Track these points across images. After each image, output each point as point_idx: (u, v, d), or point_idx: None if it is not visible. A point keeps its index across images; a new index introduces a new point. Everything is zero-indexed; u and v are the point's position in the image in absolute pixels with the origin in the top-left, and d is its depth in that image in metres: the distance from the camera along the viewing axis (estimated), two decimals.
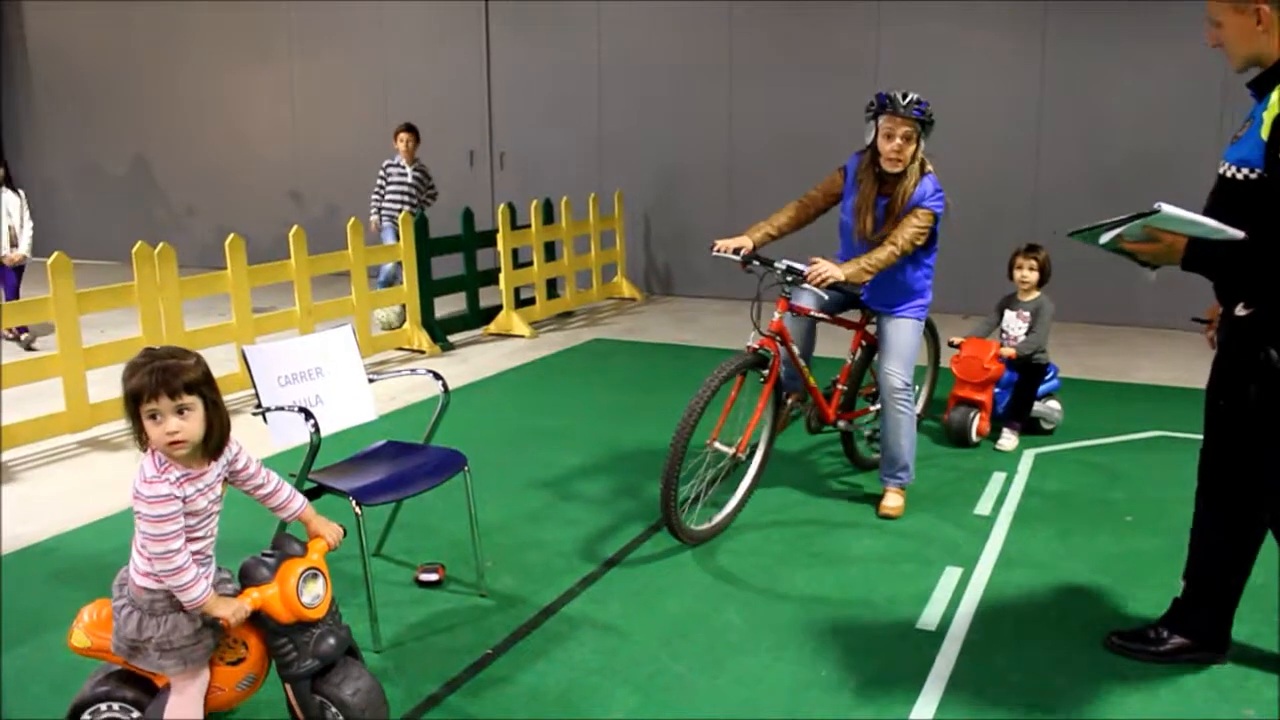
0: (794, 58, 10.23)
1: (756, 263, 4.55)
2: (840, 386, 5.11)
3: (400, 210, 9.13)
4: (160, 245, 6.46)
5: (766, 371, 4.52)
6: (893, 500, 4.86)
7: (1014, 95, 9.51)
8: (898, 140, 4.47)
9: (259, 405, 3.79)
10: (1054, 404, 6.09)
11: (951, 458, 5.72)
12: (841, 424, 5.13)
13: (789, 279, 4.48)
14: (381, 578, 4.17)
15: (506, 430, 6.26)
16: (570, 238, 9.89)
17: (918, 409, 5.60)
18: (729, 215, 10.40)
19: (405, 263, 8.39)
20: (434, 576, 4.14)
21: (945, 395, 6.13)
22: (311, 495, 3.76)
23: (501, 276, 9.09)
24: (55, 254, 5.93)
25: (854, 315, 5.08)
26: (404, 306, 8.46)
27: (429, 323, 8.52)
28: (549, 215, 9.66)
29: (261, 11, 12.66)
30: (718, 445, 4.48)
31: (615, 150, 11.23)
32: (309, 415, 3.68)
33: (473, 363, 8.08)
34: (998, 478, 5.37)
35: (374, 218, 9.55)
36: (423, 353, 8.33)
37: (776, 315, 4.56)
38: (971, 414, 5.81)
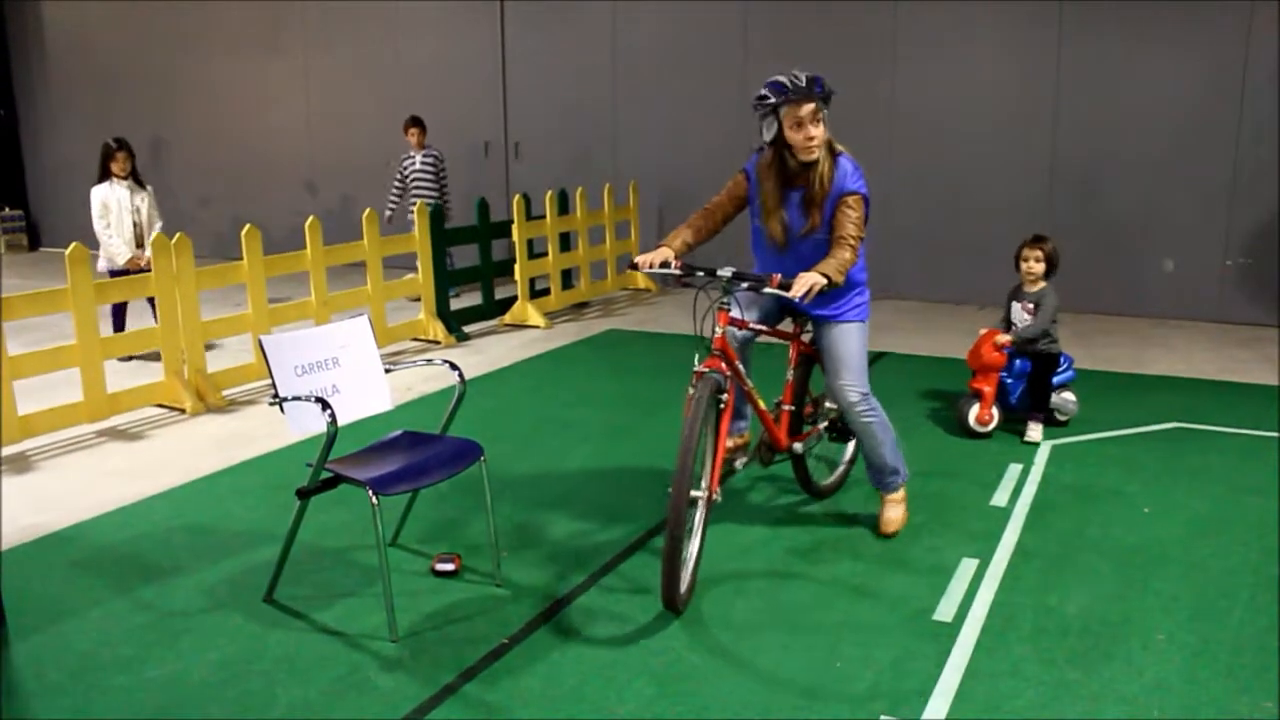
0: (809, 48, 10.18)
1: (700, 273, 4.04)
2: (786, 407, 4.55)
3: (423, 198, 9.40)
4: (177, 236, 6.49)
5: (724, 396, 3.95)
6: (893, 512, 4.52)
7: (1030, 85, 9.44)
8: (808, 126, 4.01)
9: (276, 395, 3.80)
10: (1069, 395, 6.04)
11: (967, 449, 5.70)
12: (796, 447, 4.59)
13: (741, 288, 4.03)
14: (398, 568, 4.18)
15: (522, 420, 6.27)
16: (585, 228, 9.88)
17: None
18: None
19: (420, 253, 8.40)
20: (450, 566, 4.15)
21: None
22: (328, 485, 3.78)
23: (517, 267, 9.09)
24: (73, 245, 5.96)
25: (787, 325, 4.57)
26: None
27: (444, 313, 8.53)
28: (564, 206, 9.65)
29: (278, 3, 12.67)
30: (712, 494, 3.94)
31: (630, 141, 11.21)
32: (326, 405, 3.69)
33: (488, 353, 8.09)
34: (1014, 469, 5.35)
35: (388, 213, 9.71)
36: (438, 343, 8.35)
37: (718, 330, 3.99)
38: (970, 403, 5.82)
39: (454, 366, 4.25)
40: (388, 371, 4.22)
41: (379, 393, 4.16)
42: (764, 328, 4.39)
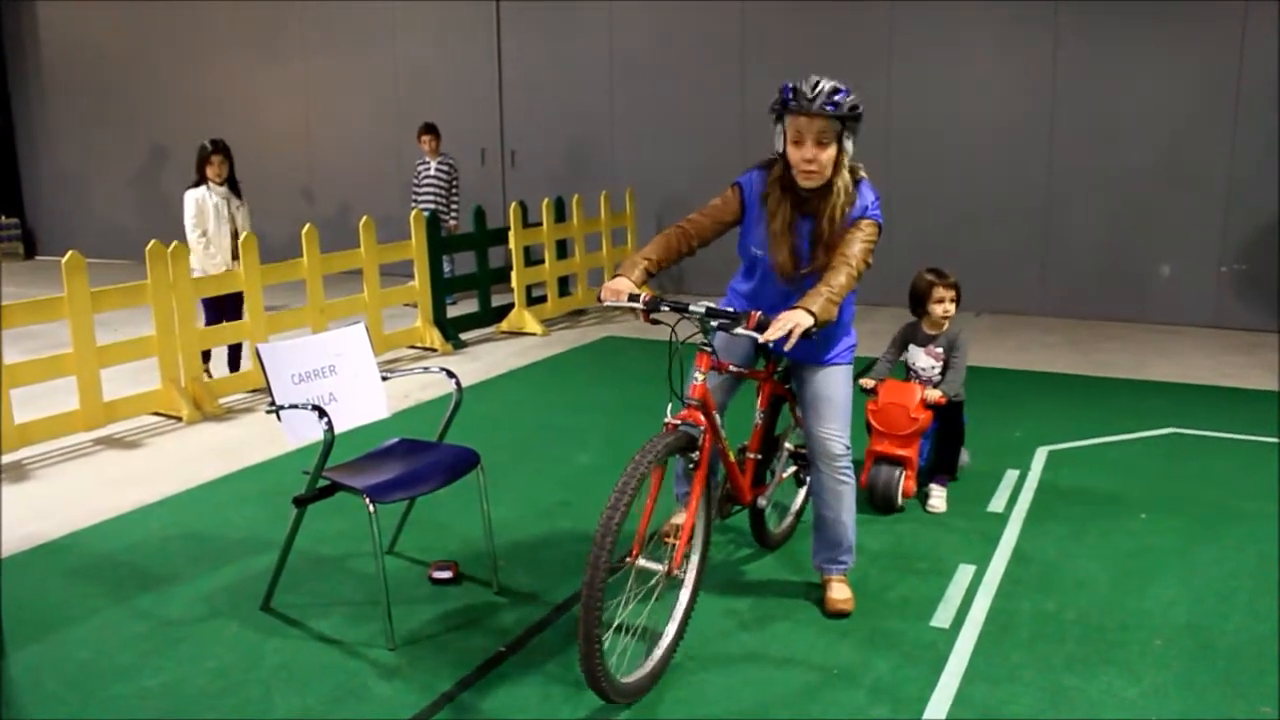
0: (807, 54, 10.20)
1: (665, 308, 3.43)
2: (752, 455, 4.02)
3: (433, 206, 9.58)
4: (173, 244, 6.49)
5: (697, 454, 3.37)
6: (841, 592, 3.88)
7: (1026, 91, 9.47)
8: (809, 146, 3.41)
9: (273, 403, 3.80)
10: (963, 449, 5.27)
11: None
12: (761, 501, 4.08)
13: (717, 327, 3.43)
14: (395, 575, 4.17)
15: (519, 428, 6.27)
16: (582, 235, 9.88)
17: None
18: None
19: (417, 261, 8.40)
20: (447, 574, 4.15)
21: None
22: (325, 492, 3.78)
23: (513, 274, 9.09)
24: (69, 253, 5.96)
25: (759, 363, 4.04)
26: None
27: (441, 320, 8.53)
28: (561, 213, 9.66)
29: (275, 9, 12.69)
30: (643, 562, 3.33)
31: (627, 147, 11.22)
32: (323, 413, 3.69)
33: (485, 361, 8.09)
34: (1011, 475, 5.35)
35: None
36: (435, 350, 8.34)
37: (698, 377, 3.44)
38: (897, 474, 4.81)
39: (451, 374, 4.25)
40: (385, 379, 4.22)
41: (376, 400, 4.16)
42: (744, 370, 3.89)
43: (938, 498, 4.92)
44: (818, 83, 3.38)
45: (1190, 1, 8.74)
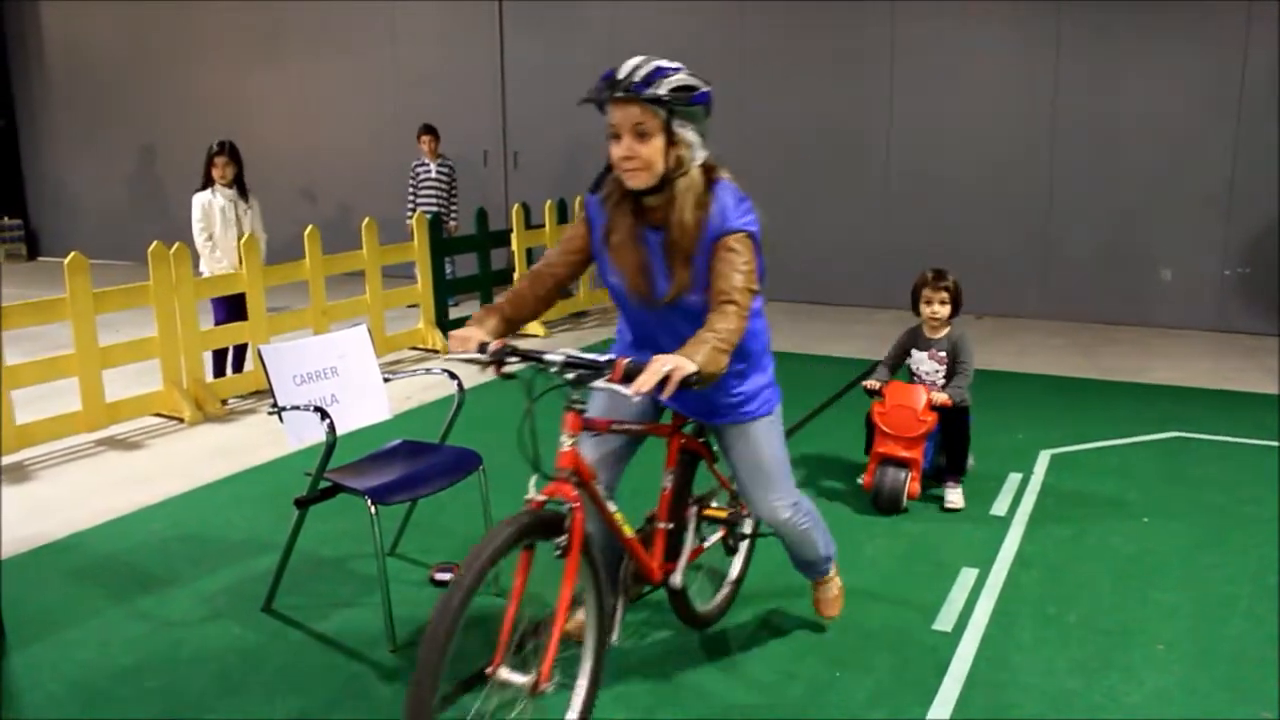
0: (806, 57, 10.21)
1: (515, 358, 2.91)
2: (662, 525, 3.38)
3: (435, 208, 9.55)
4: (175, 245, 6.49)
5: (564, 538, 2.79)
6: (830, 591, 3.72)
7: (1028, 94, 9.46)
8: (626, 139, 2.84)
9: (275, 405, 3.80)
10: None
11: None
12: (675, 580, 3.40)
13: (580, 380, 2.80)
14: (396, 577, 4.17)
15: None
16: None
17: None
18: None
19: (419, 262, 8.40)
20: (449, 576, 4.10)
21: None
22: (327, 494, 3.78)
23: (516, 276, 9.09)
24: (72, 254, 5.96)
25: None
26: None
27: (443, 322, 8.52)
28: (563, 215, 9.66)
29: (275, 11, 12.69)
30: (504, 674, 2.76)
31: None
32: (324, 414, 3.70)
33: None
34: (1013, 478, 5.34)
35: (410, 222, 9.72)
36: (437, 352, 8.34)
37: (565, 443, 2.89)
38: (903, 476, 4.81)
39: (453, 375, 4.25)
40: (386, 380, 4.22)
41: (378, 402, 4.17)
42: (637, 426, 3.26)
43: (955, 494, 4.94)
44: (640, 64, 2.82)
45: (1193, 3, 8.75)
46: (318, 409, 3.74)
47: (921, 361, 5.04)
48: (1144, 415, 6.48)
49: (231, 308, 7.08)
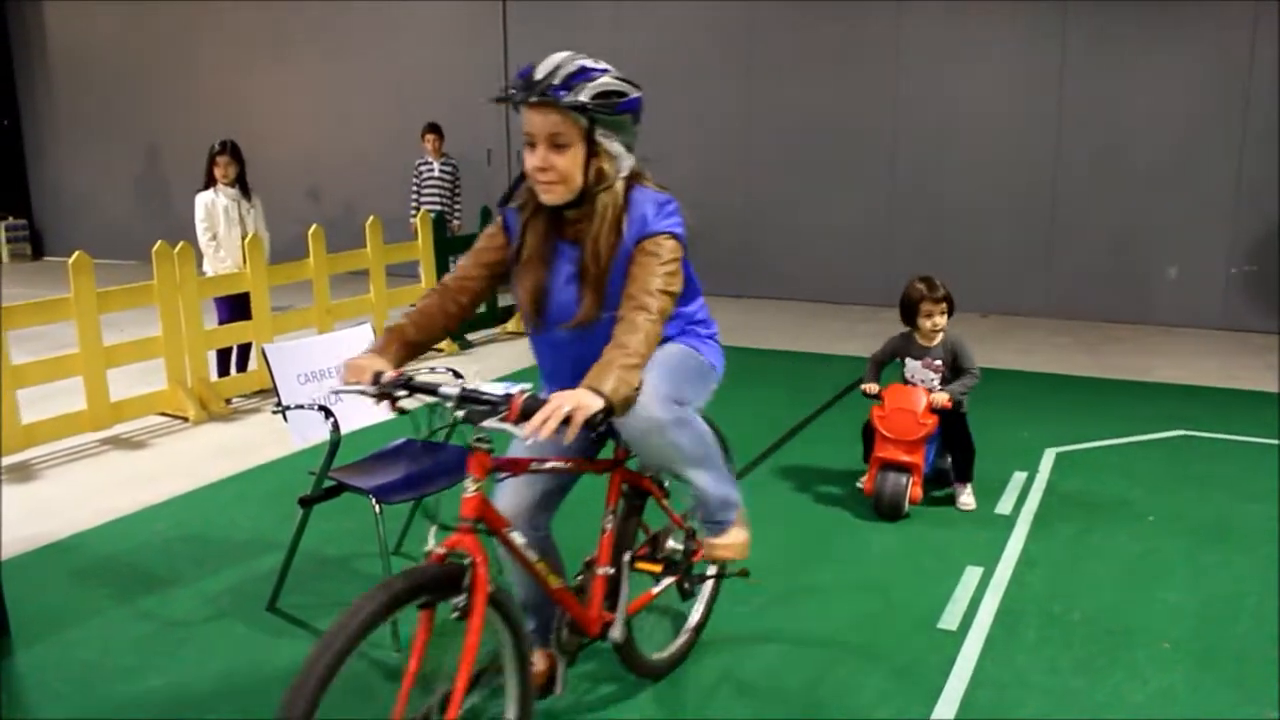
0: (812, 58, 10.20)
1: (403, 392, 2.52)
2: (602, 570, 3.05)
3: (438, 207, 9.54)
4: (180, 244, 6.49)
5: (463, 598, 2.45)
6: (731, 537, 3.05)
7: (1034, 92, 9.45)
8: (540, 149, 2.59)
9: (279, 404, 3.80)
10: None
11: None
12: (615, 634, 3.04)
13: (469, 418, 2.40)
14: None
15: None
16: None
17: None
18: (746, 214, 10.37)
19: (423, 261, 8.40)
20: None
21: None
22: (331, 493, 3.78)
23: None
24: (76, 253, 5.97)
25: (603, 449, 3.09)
26: None
27: None
28: None
29: (279, 10, 12.71)
30: None
31: None
32: (329, 413, 3.69)
33: (490, 361, 8.09)
34: (1018, 477, 5.33)
35: (414, 220, 9.73)
36: (441, 351, 8.34)
37: (470, 488, 2.50)
38: (905, 481, 4.72)
39: (458, 374, 4.23)
40: None
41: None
42: (563, 464, 2.82)
43: (967, 495, 4.93)
44: (558, 66, 2.50)
45: (1199, 2, 8.72)
46: (322, 408, 3.73)
47: (916, 370, 4.97)
48: (1149, 413, 6.47)
49: (235, 307, 7.08)
